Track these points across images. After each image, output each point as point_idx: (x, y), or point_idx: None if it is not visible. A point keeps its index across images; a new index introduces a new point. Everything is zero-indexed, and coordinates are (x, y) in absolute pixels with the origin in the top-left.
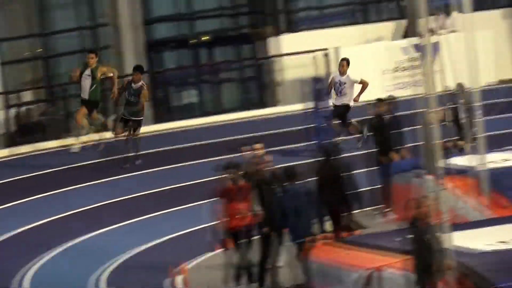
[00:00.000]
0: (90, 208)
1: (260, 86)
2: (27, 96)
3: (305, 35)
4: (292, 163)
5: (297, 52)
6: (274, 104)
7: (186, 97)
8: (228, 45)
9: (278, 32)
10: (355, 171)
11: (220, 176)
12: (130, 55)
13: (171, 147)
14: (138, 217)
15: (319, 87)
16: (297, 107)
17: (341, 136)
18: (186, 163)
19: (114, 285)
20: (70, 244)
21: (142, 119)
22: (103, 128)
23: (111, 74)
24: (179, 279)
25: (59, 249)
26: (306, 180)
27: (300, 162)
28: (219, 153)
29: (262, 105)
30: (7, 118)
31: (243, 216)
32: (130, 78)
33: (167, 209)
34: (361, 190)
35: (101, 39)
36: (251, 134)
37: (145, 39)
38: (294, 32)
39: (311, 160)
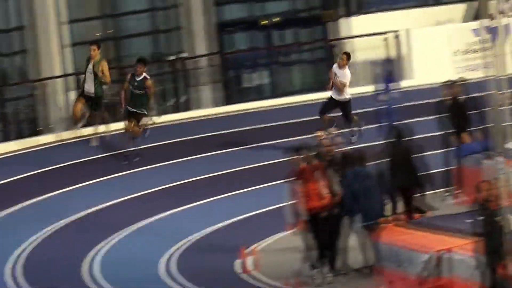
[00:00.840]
0: (162, 189)
1: (330, 68)
2: None
3: (376, 17)
4: (362, 145)
5: (368, 34)
6: None
7: (257, 78)
8: (299, 26)
9: (349, 14)
10: (426, 153)
11: (292, 158)
12: (201, 36)
13: (241, 129)
14: (210, 198)
15: (389, 69)
16: (367, 88)
17: (333, 127)
18: (257, 145)
19: (184, 266)
20: (141, 224)
21: (145, 113)
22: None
23: (105, 73)
24: (249, 260)
25: (131, 230)
26: (377, 162)
27: (370, 144)
28: (290, 135)
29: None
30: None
31: (318, 197)
32: (131, 71)
33: (238, 190)
34: (432, 171)
35: (172, 20)
36: None
37: (216, 20)
38: (365, 13)
39: (381, 142)
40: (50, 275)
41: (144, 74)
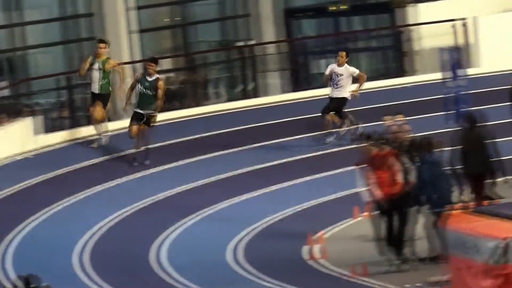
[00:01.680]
0: (231, 175)
1: (398, 55)
2: (166, 64)
3: (444, 4)
4: (430, 132)
5: (436, 21)
6: (412, 73)
7: (325, 65)
8: (367, 13)
9: (417, 1)
10: (499, 139)
11: (364, 144)
12: (269, 23)
13: (309, 115)
14: (278, 184)
15: (457, 56)
16: (435, 76)
17: (331, 128)
18: (326, 131)
19: (251, 253)
20: (210, 211)
21: (156, 115)
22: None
23: (119, 71)
24: (316, 247)
25: (199, 216)
26: (444, 149)
27: (438, 131)
28: (359, 121)
29: (401, 74)
30: None
31: (389, 185)
32: (140, 71)
33: (307, 177)
34: (504, 158)
35: (240, 7)
36: (390, 103)
37: (284, 7)
38: (433, 0)
39: (449, 129)
40: (117, 262)
41: (157, 75)
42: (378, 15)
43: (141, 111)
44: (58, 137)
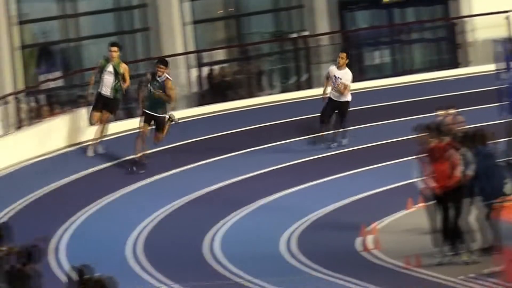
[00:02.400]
0: (284, 166)
1: (452, 47)
2: (219, 55)
3: None
4: (484, 124)
5: (489, 13)
6: (466, 64)
7: (379, 56)
8: (420, 5)
9: None
10: None
11: (418, 136)
12: (323, 14)
13: (362, 107)
14: (332, 175)
15: (510, 48)
16: (489, 67)
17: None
18: (378, 123)
19: (305, 244)
20: (263, 202)
21: (165, 117)
22: None
23: (126, 77)
24: (370, 239)
25: (253, 207)
26: (498, 141)
27: (492, 123)
28: (411, 113)
29: (454, 65)
30: (199, 77)
31: (446, 176)
32: (150, 72)
33: (360, 168)
34: None
35: None
36: (443, 95)
37: None
38: None
39: (503, 120)
40: (171, 253)
41: (166, 75)
42: (432, 6)
43: (151, 112)
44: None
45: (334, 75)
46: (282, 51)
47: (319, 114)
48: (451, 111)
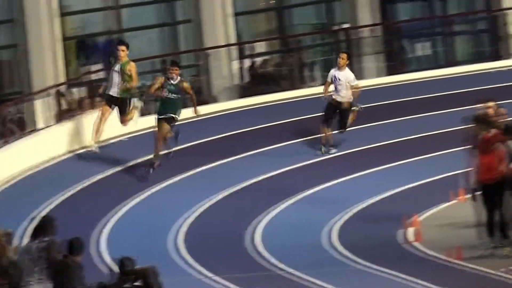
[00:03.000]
0: (328, 158)
1: (493, 39)
2: (261, 47)
3: None
4: None
5: None
6: (507, 56)
7: (420, 49)
8: None
9: None
10: None
11: (466, 128)
12: (365, 6)
13: (404, 99)
14: (376, 167)
15: None
16: None
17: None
18: (420, 115)
19: (346, 235)
20: (305, 193)
21: (177, 117)
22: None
23: (134, 77)
24: (412, 231)
25: (295, 198)
26: None
27: None
28: (453, 106)
29: (495, 57)
30: (241, 69)
31: (493, 168)
32: (163, 76)
33: (403, 160)
34: None
35: None
36: (484, 87)
37: None
38: None
39: None
40: (212, 244)
41: (179, 77)
42: None
43: (162, 116)
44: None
45: (335, 76)
46: (323, 43)
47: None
48: (490, 103)
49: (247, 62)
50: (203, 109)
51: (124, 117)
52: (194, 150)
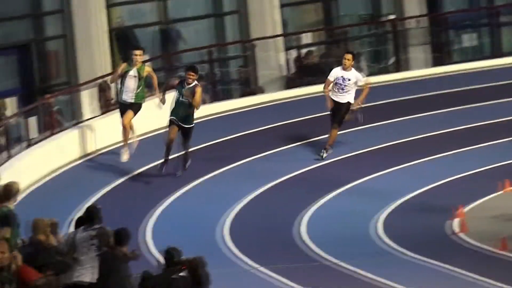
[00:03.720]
0: (375, 149)
1: None
2: (308, 38)
3: None
4: None
5: None
6: None
7: (466, 40)
8: None
9: None
10: None
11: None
12: None
13: (451, 90)
14: (422, 158)
15: None
16: None
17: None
18: (466, 106)
19: (394, 226)
20: (352, 184)
21: (193, 127)
22: None
23: (153, 77)
24: (459, 222)
25: (341, 189)
26: None
27: None
28: (501, 97)
29: None
30: (287, 60)
31: None
32: (177, 79)
33: (448, 151)
34: None
35: None
36: None
37: None
38: None
39: None
40: (257, 234)
41: (195, 82)
42: None
43: (177, 122)
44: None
45: (342, 77)
46: (370, 34)
47: (404, 98)
48: None
49: (293, 53)
50: (250, 100)
51: (129, 119)
52: (240, 141)
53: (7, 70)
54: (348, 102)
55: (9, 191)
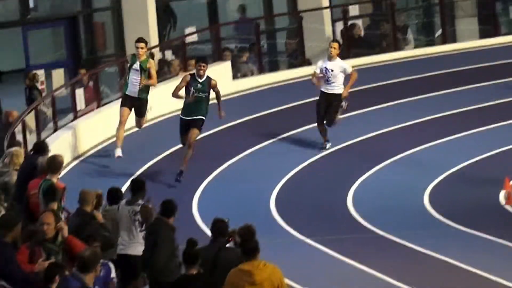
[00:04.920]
0: (426, 120)
1: None
2: (355, 10)
3: None
4: None
5: None
6: None
7: None
8: None
9: None
10: None
11: None
12: None
13: (498, 62)
14: (473, 129)
15: None
16: None
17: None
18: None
19: (444, 198)
20: (401, 156)
21: (204, 119)
22: None
23: (152, 72)
24: (502, 194)
25: (389, 161)
26: None
27: None
28: None
29: None
30: (334, 32)
31: None
32: (188, 73)
33: (497, 123)
34: None
35: None
36: None
37: None
38: None
39: None
40: (304, 206)
41: (207, 74)
42: None
43: (189, 118)
44: (249, 83)
45: (326, 67)
46: (417, 7)
47: (449, 71)
48: None
49: (340, 25)
50: (297, 72)
51: (141, 119)
52: (286, 113)
53: (55, 42)
54: (336, 94)
55: (53, 164)
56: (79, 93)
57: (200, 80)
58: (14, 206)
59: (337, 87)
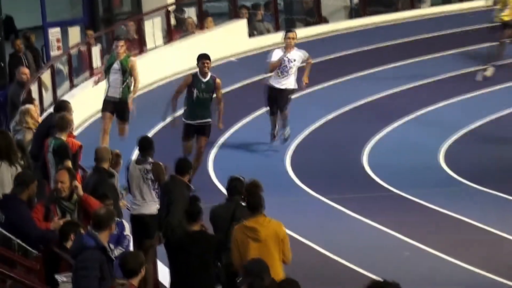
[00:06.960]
0: (438, 79)
1: None
2: None
3: None
4: None
5: None
6: None
7: None
8: None
9: None
10: None
11: None
12: None
13: None
14: (487, 88)
15: None
16: None
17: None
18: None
19: (454, 156)
20: (416, 114)
21: (211, 123)
22: None
23: (135, 72)
24: None
25: (404, 119)
26: None
27: None
28: None
29: None
30: None
31: None
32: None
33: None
34: None
35: None
36: None
37: None
38: None
39: None
40: (320, 164)
41: (210, 73)
42: None
43: (195, 122)
44: (265, 40)
45: (287, 58)
46: None
47: (467, 28)
48: None
49: None
50: (314, 30)
51: (125, 126)
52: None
53: (71, 0)
54: (288, 89)
55: (61, 122)
56: (96, 50)
57: (203, 80)
58: (30, 164)
59: (290, 79)
